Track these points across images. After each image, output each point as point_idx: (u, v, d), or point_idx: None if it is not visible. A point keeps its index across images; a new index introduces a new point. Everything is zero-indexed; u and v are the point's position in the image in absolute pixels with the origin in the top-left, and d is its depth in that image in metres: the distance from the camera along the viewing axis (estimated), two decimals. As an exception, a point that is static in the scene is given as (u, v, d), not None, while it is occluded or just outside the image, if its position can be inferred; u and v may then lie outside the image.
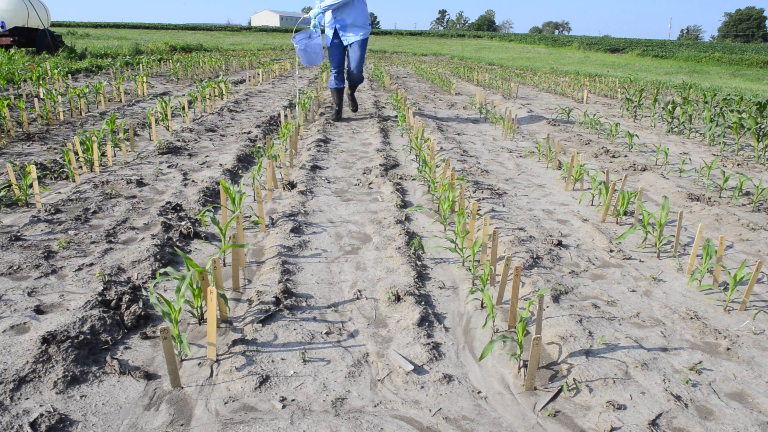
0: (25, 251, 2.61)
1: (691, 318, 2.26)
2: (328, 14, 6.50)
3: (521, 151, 5.50)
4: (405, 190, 4.03)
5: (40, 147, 4.81)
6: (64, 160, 4.14)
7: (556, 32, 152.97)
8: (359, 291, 2.39)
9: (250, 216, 3.26)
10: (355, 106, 7.45)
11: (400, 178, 4.31)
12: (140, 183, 3.82)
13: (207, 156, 4.78)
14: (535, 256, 2.79)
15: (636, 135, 6.09)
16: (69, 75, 10.56)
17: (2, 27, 16.38)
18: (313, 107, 7.38)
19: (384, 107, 8.63)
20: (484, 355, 1.82)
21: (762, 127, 5.91)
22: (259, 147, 4.84)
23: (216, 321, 1.81)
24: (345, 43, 6.43)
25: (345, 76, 6.84)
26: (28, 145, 4.85)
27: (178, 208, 3.32)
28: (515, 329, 1.97)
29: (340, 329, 2.09)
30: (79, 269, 2.45)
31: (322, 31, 6.63)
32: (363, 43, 6.48)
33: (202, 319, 2.09)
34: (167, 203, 3.34)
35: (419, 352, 1.93)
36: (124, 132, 4.95)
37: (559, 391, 1.77)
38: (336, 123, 6.89)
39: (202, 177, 4.04)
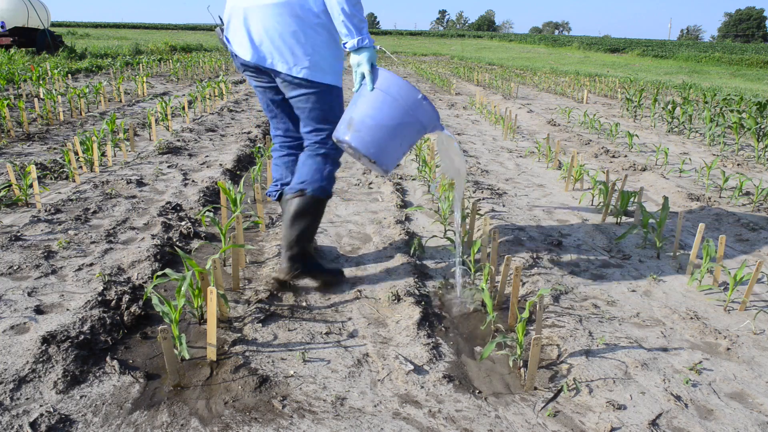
0: (25, 251, 2.61)
1: (691, 318, 2.26)
2: None
3: (521, 151, 5.50)
4: (405, 190, 4.03)
5: (40, 147, 4.81)
6: (64, 160, 4.14)
7: (556, 32, 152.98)
8: (359, 291, 2.39)
9: (251, 216, 3.26)
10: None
11: (400, 178, 4.31)
12: (140, 183, 3.82)
13: (207, 156, 4.78)
14: (535, 256, 2.79)
15: (636, 135, 6.09)
16: (69, 75, 10.56)
17: (2, 27, 16.38)
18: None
19: (384, 107, 8.61)
20: (484, 355, 1.82)
21: (762, 127, 5.91)
22: (259, 147, 4.84)
23: (216, 321, 1.81)
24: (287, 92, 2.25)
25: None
26: (28, 145, 4.85)
27: (178, 208, 3.32)
28: (515, 329, 1.97)
29: (340, 329, 2.09)
30: (79, 269, 2.45)
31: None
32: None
33: (202, 319, 2.09)
34: (167, 203, 3.34)
35: (419, 352, 1.93)
36: (124, 132, 4.95)
37: (559, 391, 1.77)
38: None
39: (202, 177, 4.04)
